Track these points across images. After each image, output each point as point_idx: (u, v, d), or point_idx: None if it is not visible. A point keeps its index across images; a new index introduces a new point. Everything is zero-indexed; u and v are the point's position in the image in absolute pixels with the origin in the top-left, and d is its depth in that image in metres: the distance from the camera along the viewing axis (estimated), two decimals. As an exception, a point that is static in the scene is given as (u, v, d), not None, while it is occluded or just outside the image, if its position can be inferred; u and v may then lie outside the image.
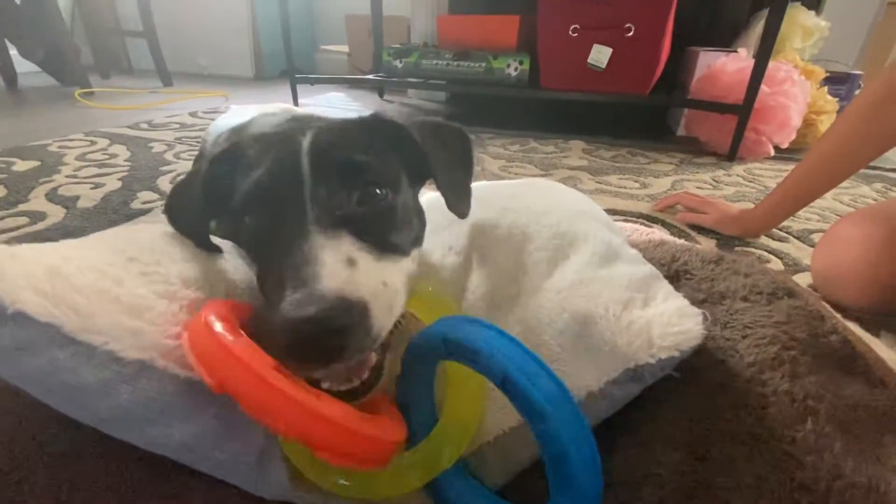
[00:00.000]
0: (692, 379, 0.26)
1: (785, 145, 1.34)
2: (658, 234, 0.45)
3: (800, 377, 0.24)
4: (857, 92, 1.68)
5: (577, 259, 0.33)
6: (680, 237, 0.79)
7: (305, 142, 0.33)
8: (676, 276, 0.37)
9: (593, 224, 0.37)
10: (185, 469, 0.27)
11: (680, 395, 0.26)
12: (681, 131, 1.61)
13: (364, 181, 0.32)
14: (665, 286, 0.31)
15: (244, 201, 0.33)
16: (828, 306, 0.31)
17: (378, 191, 0.33)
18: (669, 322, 0.27)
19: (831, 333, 0.28)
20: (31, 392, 0.25)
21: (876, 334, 0.54)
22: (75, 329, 0.23)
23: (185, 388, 0.26)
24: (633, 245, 0.43)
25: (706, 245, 0.77)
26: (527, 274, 0.34)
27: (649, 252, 0.40)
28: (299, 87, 1.78)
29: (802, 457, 0.21)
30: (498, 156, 1.29)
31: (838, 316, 0.30)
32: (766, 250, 0.75)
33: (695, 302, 0.33)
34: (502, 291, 0.34)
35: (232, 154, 0.36)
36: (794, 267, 0.70)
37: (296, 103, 1.75)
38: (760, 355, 0.26)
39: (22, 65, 2.20)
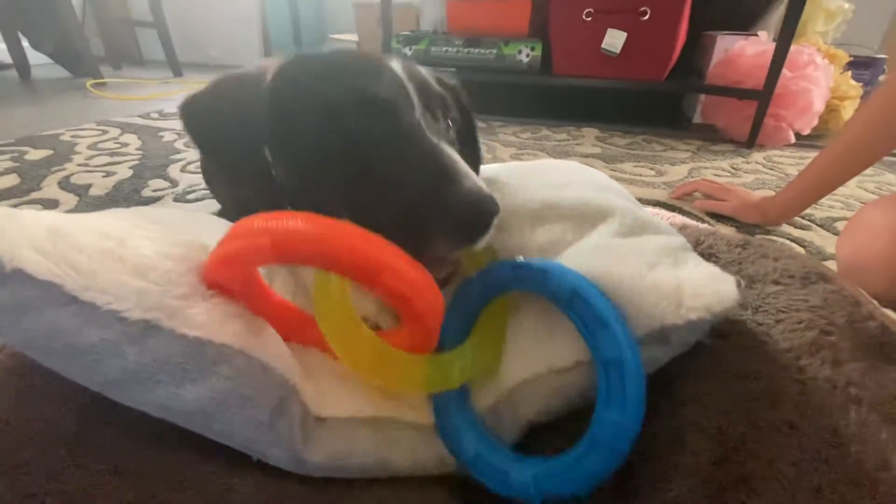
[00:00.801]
0: (724, 364, 0.25)
1: (806, 131, 1.30)
2: (680, 218, 0.44)
3: (841, 364, 0.23)
4: (881, 77, 1.63)
5: (603, 229, 0.32)
6: (698, 225, 0.77)
7: (398, 69, 0.36)
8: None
9: (618, 199, 0.35)
10: (197, 453, 0.27)
11: (712, 382, 0.24)
12: (697, 118, 1.57)
13: (448, 115, 0.38)
14: (695, 255, 0.30)
15: (358, 106, 0.33)
16: (863, 292, 0.29)
17: (451, 124, 0.38)
18: (702, 283, 0.25)
19: (869, 319, 0.27)
20: (33, 356, 0.24)
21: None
22: (77, 288, 0.22)
23: (194, 348, 0.25)
24: (655, 229, 0.42)
25: (725, 231, 0.75)
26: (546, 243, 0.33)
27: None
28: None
29: (847, 447, 0.20)
30: (509, 143, 1.27)
31: (874, 302, 0.28)
32: (788, 238, 0.73)
33: (723, 286, 0.32)
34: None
35: (300, 72, 0.35)
36: (819, 255, 0.68)
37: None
38: (797, 340, 0.24)
39: (35, 56, 2.22)
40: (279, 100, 0.34)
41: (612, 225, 0.31)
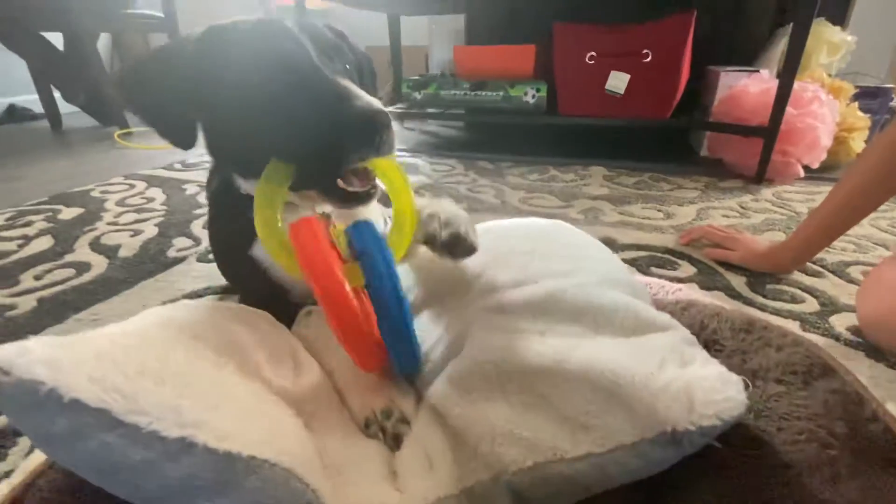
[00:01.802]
0: (726, 475, 0.26)
1: (815, 166, 1.30)
2: (685, 291, 0.45)
3: (841, 481, 0.23)
4: (892, 103, 1.63)
5: (608, 329, 0.33)
6: (708, 273, 0.78)
7: (294, 28, 0.43)
8: (706, 347, 0.36)
9: (620, 294, 0.37)
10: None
11: (713, 495, 0.25)
12: (704, 152, 1.59)
13: (343, 58, 0.45)
14: (701, 351, 0.31)
15: (265, 64, 0.40)
16: (867, 388, 0.30)
17: (347, 67, 0.45)
18: (713, 388, 0.26)
19: (872, 421, 0.28)
20: (83, 475, 0.26)
21: (926, 386, 0.52)
22: (122, 412, 0.25)
23: (224, 462, 0.27)
24: (660, 306, 0.43)
25: (736, 281, 0.75)
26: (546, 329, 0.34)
27: (676, 316, 0.40)
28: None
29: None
30: (517, 186, 1.29)
31: (876, 399, 0.29)
32: (799, 287, 0.73)
33: (726, 380, 0.33)
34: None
35: (218, 36, 0.43)
36: (831, 307, 0.68)
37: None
38: (797, 455, 0.25)
39: (65, 105, 2.35)
40: (201, 63, 0.42)
41: (615, 324, 0.33)
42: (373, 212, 0.52)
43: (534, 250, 0.44)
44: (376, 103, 0.36)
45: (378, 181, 0.43)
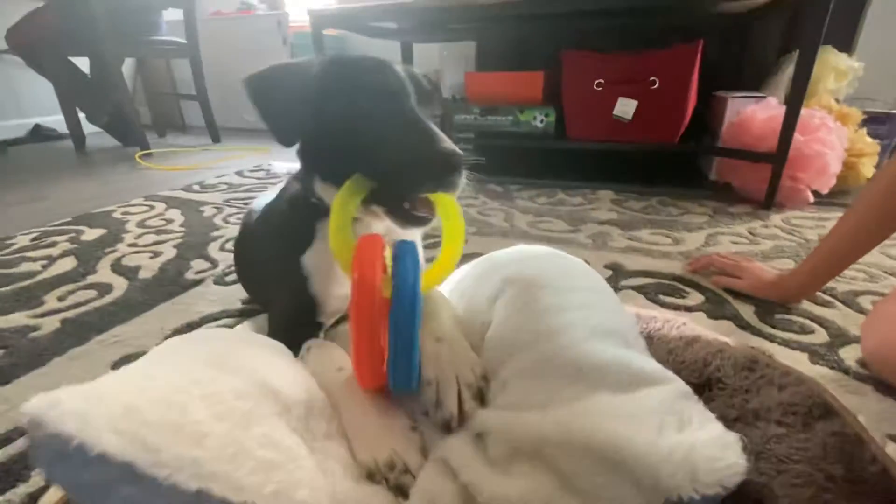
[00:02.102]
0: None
1: (825, 191, 1.30)
2: (690, 326, 0.46)
3: (836, 526, 0.24)
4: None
5: (602, 387, 0.34)
6: (716, 302, 0.78)
7: (401, 71, 0.51)
8: (709, 385, 0.37)
9: (614, 347, 0.38)
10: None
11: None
12: (713, 176, 1.59)
13: (433, 105, 0.54)
14: (697, 406, 0.32)
15: (374, 96, 0.48)
16: (865, 429, 0.30)
17: (435, 114, 0.54)
18: (713, 455, 0.27)
19: (870, 463, 0.28)
20: None
21: (934, 422, 0.51)
22: (145, 465, 0.26)
23: None
24: (664, 341, 0.44)
25: (744, 310, 0.75)
26: (549, 401, 0.36)
27: (680, 352, 0.41)
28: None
29: None
30: (526, 210, 1.31)
31: (875, 441, 0.30)
32: (808, 318, 0.73)
33: (728, 420, 0.33)
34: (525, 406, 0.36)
35: (340, 64, 0.51)
36: (840, 338, 0.67)
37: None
38: (796, 498, 0.26)
39: (87, 125, 2.44)
40: (323, 84, 0.49)
41: (609, 381, 0.34)
42: (416, 238, 0.57)
43: (526, 305, 0.44)
44: (456, 148, 0.44)
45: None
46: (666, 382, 0.33)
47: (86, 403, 0.26)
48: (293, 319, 0.56)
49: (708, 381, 0.37)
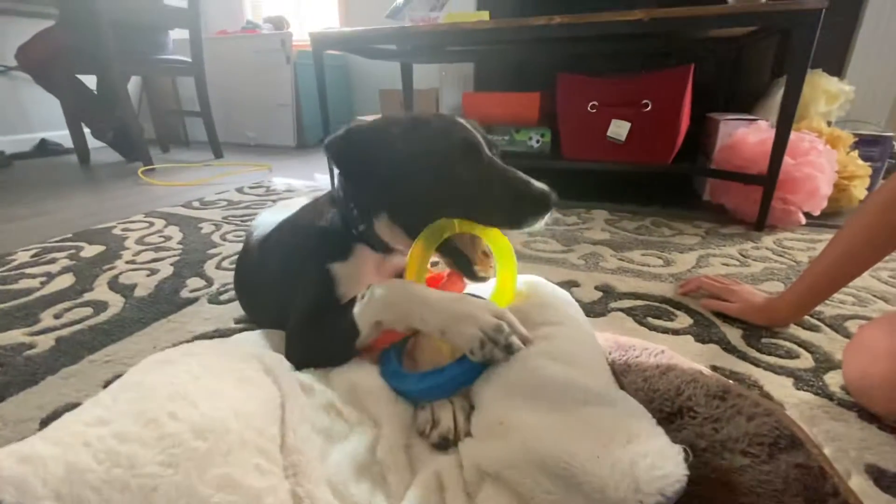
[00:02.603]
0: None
1: (817, 213, 1.31)
2: (668, 354, 0.47)
3: (792, 561, 0.25)
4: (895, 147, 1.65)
5: (554, 409, 0.35)
6: (704, 325, 0.79)
7: (471, 126, 0.57)
8: (680, 413, 0.38)
9: (566, 370, 0.39)
10: None
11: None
12: (707, 196, 1.61)
13: (495, 148, 0.59)
14: (645, 424, 0.33)
15: (456, 143, 0.53)
16: (829, 461, 0.31)
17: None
18: (653, 465, 0.29)
19: (831, 496, 0.29)
20: None
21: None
22: None
23: None
24: (641, 369, 0.45)
25: (731, 334, 0.76)
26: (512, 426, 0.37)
27: (655, 381, 0.41)
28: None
29: None
30: (521, 229, 1.32)
31: (839, 473, 0.30)
32: (795, 342, 0.74)
33: (697, 450, 0.34)
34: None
35: (418, 123, 0.56)
36: (826, 364, 0.68)
37: (331, 167, 1.87)
38: (754, 531, 0.26)
39: (92, 140, 2.48)
40: (403, 144, 0.54)
41: (564, 403, 0.35)
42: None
43: None
44: (546, 187, 0.52)
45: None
46: (618, 402, 0.35)
47: (25, 467, 0.27)
48: (315, 314, 0.56)
49: (680, 409, 0.38)
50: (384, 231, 0.59)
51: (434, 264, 0.63)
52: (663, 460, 0.28)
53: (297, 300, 0.60)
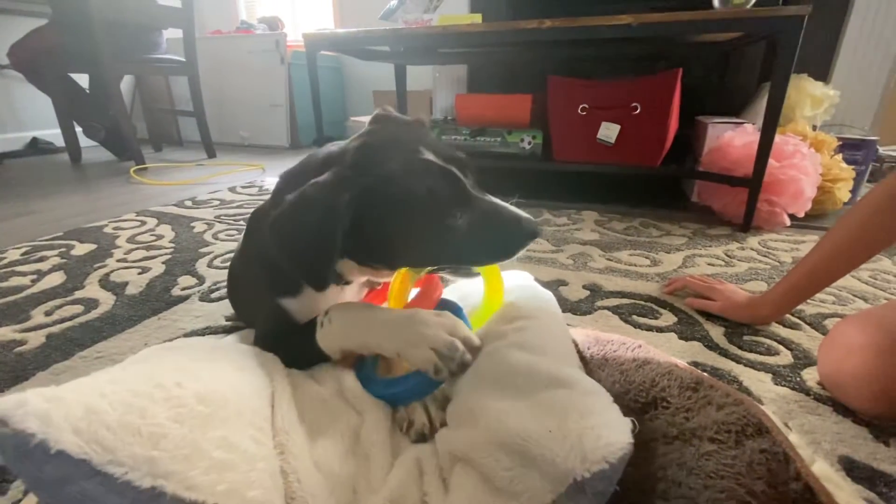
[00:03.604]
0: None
1: (801, 215, 1.34)
2: (645, 348, 0.48)
3: (751, 538, 0.26)
4: (879, 151, 1.69)
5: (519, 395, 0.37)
6: (688, 323, 0.81)
7: (432, 157, 0.48)
8: (654, 404, 0.39)
9: (530, 358, 0.42)
10: None
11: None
12: (695, 197, 1.64)
13: (469, 170, 0.53)
14: (603, 400, 0.35)
15: (445, 200, 0.47)
16: (794, 447, 0.32)
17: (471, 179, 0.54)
18: (598, 435, 0.30)
19: (794, 480, 0.30)
20: None
21: (885, 442, 0.54)
22: (101, 462, 0.28)
23: None
24: (618, 362, 0.46)
25: (714, 332, 0.78)
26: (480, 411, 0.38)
27: (631, 373, 0.43)
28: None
29: None
30: (512, 229, 1.34)
31: (802, 459, 0.32)
32: (775, 340, 0.75)
33: (668, 438, 0.36)
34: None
35: (374, 179, 0.46)
36: (804, 360, 0.70)
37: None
38: (716, 512, 0.28)
39: (84, 139, 2.47)
40: (361, 210, 0.45)
41: (527, 387, 0.38)
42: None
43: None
44: (530, 217, 0.51)
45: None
46: (577, 384, 0.36)
47: (49, 404, 0.28)
48: (276, 336, 0.56)
49: (654, 400, 0.39)
50: (350, 271, 0.55)
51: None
52: (609, 430, 0.30)
53: (259, 319, 0.61)
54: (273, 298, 0.55)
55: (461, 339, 0.45)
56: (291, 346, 0.53)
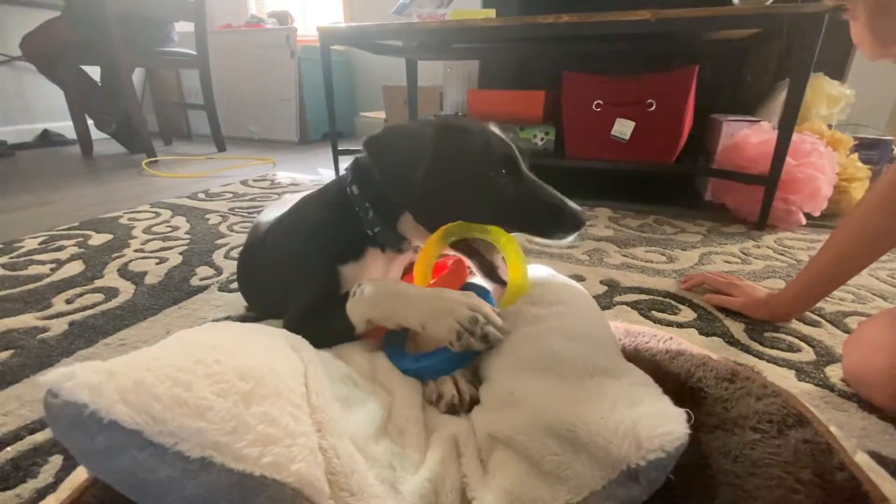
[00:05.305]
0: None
1: (817, 213, 1.33)
2: (677, 340, 0.48)
3: (803, 526, 0.26)
4: (894, 151, 1.67)
5: (563, 380, 0.37)
6: (707, 319, 0.80)
7: (498, 131, 0.58)
8: (691, 394, 0.39)
9: (574, 345, 0.41)
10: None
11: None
12: (709, 196, 1.63)
13: (525, 156, 0.59)
14: (652, 390, 0.35)
15: (498, 156, 0.54)
16: (837, 438, 0.32)
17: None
18: (654, 423, 0.30)
19: (838, 470, 0.30)
20: (115, 486, 0.30)
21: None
22: (152, 433, 0.28)
23: (238, 480, 0.30)
24: (650, 353, 0.46)
25: (734, 328, 0.77)
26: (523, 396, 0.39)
27: (665, 364, 0.43)
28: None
29: None
30: (525, 225, 1.34)
31: (845, 450, 0.32)
32: (796, 336, 0.75)
33: (707, 427, 0.35)
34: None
35: (450, 128, 0.56)
36: (827, 357, 0.69)
37: (336, 162, 1.87)
38: (767, 499, 0.28)
39: (95, 131, 2.48)
40: (438, 146, 0.54)
41: (572, 374, 0.38)
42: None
43: (513, 315, 0.51)
44: (578, 208, 0.55)
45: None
46: (624, 374, 0.36)
47: (98, 377, 0.29)
48: (315, 309, 0.58)
49: (690, 390, 0.39)
50: (407, 229, 0.60)
51: (440, 257, 0.65)
52: (665, 419, 0.30)
53: (298, 294, 0.62)
54: (332, 265, 0.59)
55: (483, 316, 0.47)
56: (324, 318, 0.56)
